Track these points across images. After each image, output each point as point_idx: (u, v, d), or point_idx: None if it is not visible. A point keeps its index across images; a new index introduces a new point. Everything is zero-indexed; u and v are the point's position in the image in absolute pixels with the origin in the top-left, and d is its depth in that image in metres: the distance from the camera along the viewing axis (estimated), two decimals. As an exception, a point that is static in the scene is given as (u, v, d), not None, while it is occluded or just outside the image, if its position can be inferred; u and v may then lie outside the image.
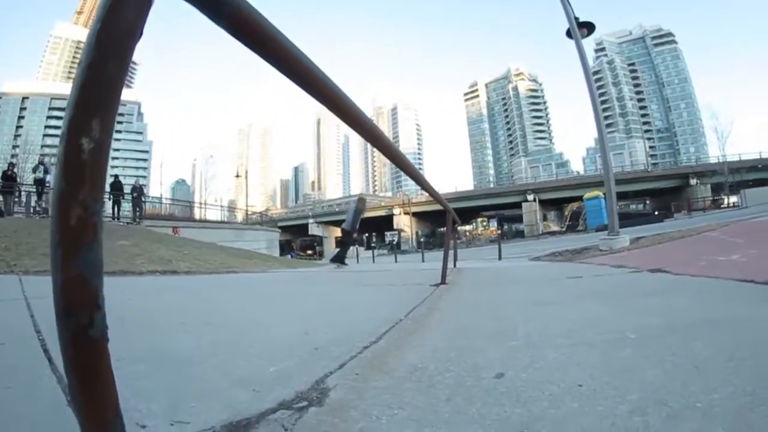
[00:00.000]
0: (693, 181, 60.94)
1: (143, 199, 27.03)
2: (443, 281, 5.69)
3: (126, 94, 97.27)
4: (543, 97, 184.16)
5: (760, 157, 62.91)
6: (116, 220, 22.86)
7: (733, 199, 57.75)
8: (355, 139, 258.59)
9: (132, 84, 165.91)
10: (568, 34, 12.57)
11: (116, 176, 26.63)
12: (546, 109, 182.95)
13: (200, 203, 52.67)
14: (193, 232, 24.32)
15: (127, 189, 26.06)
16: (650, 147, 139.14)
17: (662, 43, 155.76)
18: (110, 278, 6.81)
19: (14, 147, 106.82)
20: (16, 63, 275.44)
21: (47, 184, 19.55)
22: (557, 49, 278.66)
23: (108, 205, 22.81)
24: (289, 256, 50.70)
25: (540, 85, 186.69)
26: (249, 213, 64.78)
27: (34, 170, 21.65)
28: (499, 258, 15.57)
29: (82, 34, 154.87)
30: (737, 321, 2.38)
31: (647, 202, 74.75)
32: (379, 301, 4.74)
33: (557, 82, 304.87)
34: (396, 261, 21.71)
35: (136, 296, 4.97)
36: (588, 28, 12.75)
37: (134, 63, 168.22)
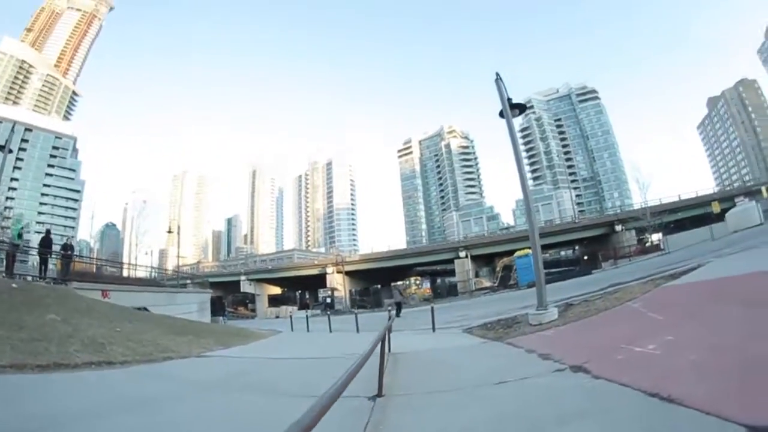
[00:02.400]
0: (618, 228, 64.03)
1: (72, 257, 25.65)
2: (380, 393, 5.45)
3: (62, 127, 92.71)
4: (474, 153, 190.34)
5: (679, 199, 67.01)
6: (42, 280, 21.64)
7: (657, 236, 61.12)
8: (290, 194, 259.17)
9: (70, 116, 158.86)
10: (501, 114, 13.63)
11: (48, 231, 24.82)
12: (477, 164, 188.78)
13: (130, 264, 50.79)
14: (123, 295, 23.12)
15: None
16: (577, 196, 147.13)
17: (586, 99, 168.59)
18: (42, 376, 6.60)
19: None
20: None
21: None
22: (489, 105, 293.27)
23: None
24: (222, 318, 49.35)
25: (471, 141, 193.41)
26: (180, 267, 63.14)
27: None
28: (433, 329, 15.71)
29: (28, 53, 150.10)
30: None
31: (576, 248, 77.68)
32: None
33: (488, 137, 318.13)
34: (330, 330, 21.19)
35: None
36: (520, 108, 13.82)
37: (75, 94, 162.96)
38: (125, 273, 42.56)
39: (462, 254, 67.38)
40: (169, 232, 66.63)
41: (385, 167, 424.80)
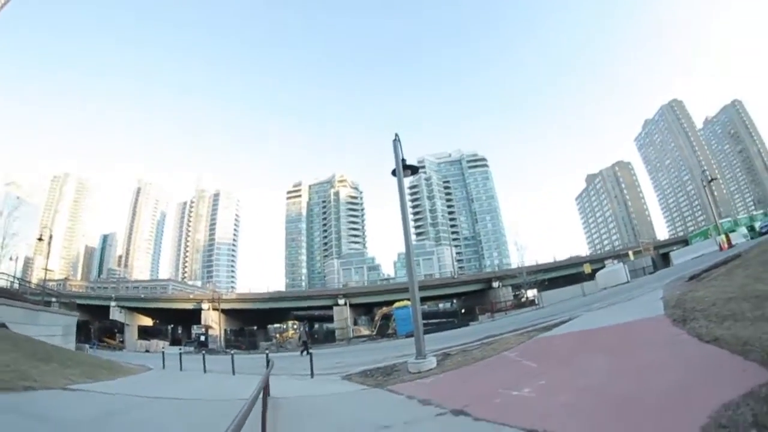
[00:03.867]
0: (495, 284, 67.47)
1: None
2: None
3: None
4: (361, 204, 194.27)
5: (554, 260, 72.51)
6: None
7: (531, 293, 64.97)
8: (172, 219, 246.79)
9: None
10: (393, 173, 14.15)
11: None
12: (363, 215, 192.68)
13: None
14: None
15: None
16: (457, 253, 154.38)
17: (476, 166, 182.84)
18: None
19: None
20: None
21: None
22: (382, 158, 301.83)
23: None
24: (88, 347, 45.70)
25: (360, 192, 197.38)
26: (46, 282, 57.84)
27: None
28: (311, 375, 15.24)
29: None
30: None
31: (454, 301, 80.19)
32: None
33: (376, 188, 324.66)
34: (204, 371, 20.15)
35: None
36: (412, 170, 14.46)
37: None
38: None
39: (341, 301, 67.52)
40: (40, 239, 61.70)
41: (272, 208, 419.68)
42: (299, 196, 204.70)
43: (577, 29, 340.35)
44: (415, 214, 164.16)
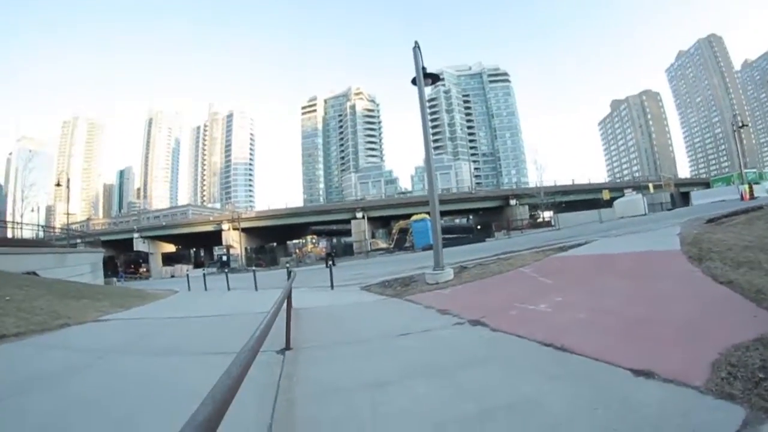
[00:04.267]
0: (513, 202, 67.42)
1: None
2: (287, 346, 5.61)
3: None
4: (378, 117, 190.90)
5: (572, 183, 71.94)
6: None
7: (548, 214, 65.23)
8: (187, 145, 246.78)
9: None
10: (414, 82, 13.76)
11: None
12: (380, 128, 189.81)
13: (14, 223, 46.47)
14: (9, 259, 21.54)
15: None
16: (476, 169, 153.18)
17: (497, 81, 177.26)
18: None
19: None
20: None
21: None
22: (398, 70, 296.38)
23: None
24: (115, 279, 47.32)
25: (377, 105, 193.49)
26: (70, 225, 59.32)
27: None
28: (332, 286, 15.41)
29: None
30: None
31: (470, 217, 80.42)
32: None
33: (393, 101, 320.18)
34: (228, 289, 20.56)
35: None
36: (433, 78, 13.95)
37: None
38: (9, 234, 39.49)
39: (359, 215, 68.07)
40: (58, 185, 62.22)
41: (287, 124, 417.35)
42: (314, 110, 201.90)
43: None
44: (434, 127, 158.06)
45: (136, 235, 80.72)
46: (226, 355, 3.31)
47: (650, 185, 67.30)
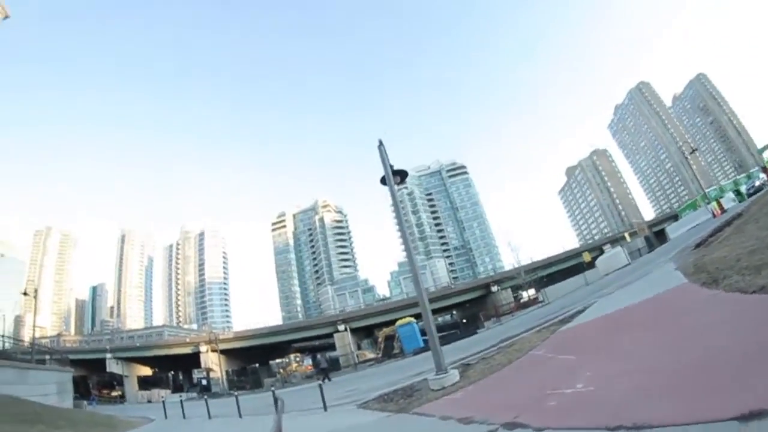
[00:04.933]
0: (494, 288, 67.12)
1: None
2: None
3: None
4: (347, 227, 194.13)
5: (550, 256, 72.64)
6: None
7: (530, 292, 64.88)
8: (160, 264, 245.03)
9: None
10: (383, 181, 13.79)
11: None
12: (350, 238, 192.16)
13: None
14: None
15: None
16: (449, 264, 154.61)
17: (456, 174, 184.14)
18: None
19: None
20: None
21: None
22: (361, 178, 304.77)
23: None
24: (86, 403, 44.42)
25: (345, 216, 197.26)
26: (37, 339, 56.12)
27: None
28: (324, 408, 13.90)
29: None
30: None
31: (454, 313, 79.31)
32: None
33: (359, 211, 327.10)
34: (209, 416, 19.10)
35: None
36: (401, 175, 14.14)
37: None
38: None
39: (341, 327, 66.63)
40: (25, 294, 59.80)
41: (259, 241, 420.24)
42: (284, 226, 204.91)
43: (540, 19, 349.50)
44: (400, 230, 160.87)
45: (109, 355, 76.51)
46: None
47: (626, 234, 69.19)
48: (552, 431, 4.24)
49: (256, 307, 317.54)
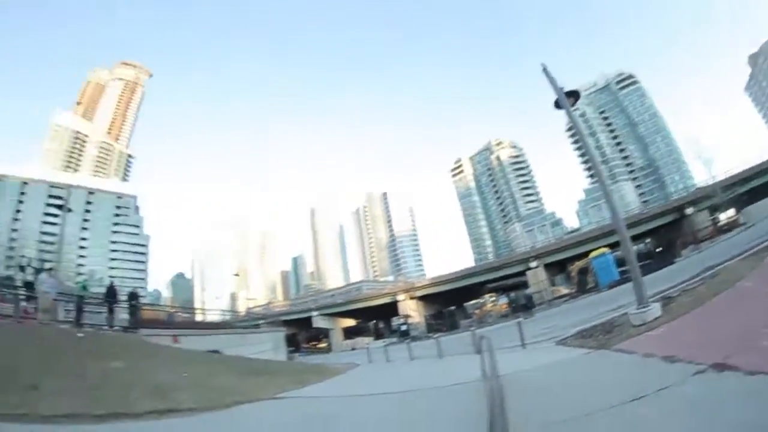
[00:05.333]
0: (689, 210, 60.42)
1: (139, 306, 26.25)
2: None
3: (123, 188, 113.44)
4: (526, 161, 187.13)
5: (747, 168, 61.81)
6: (111, 328, 21.96)
7: (730, 213, 57.55)
8: (350, 228, 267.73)
9: (128, 177, 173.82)
10: (556, 105, 13.35)
11: (112, 282, 26.15)
12: (530, 171, 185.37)
13: (201, 309, 52.30)
14: (195, 339, 23.27)
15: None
16: (636, 187, 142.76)
17: (626, 86, 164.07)
18: (98, 426, 6.26)
19: (13, 230, 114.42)
20: (17, 147, 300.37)
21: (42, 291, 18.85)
22: (530, 113, 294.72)
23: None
24: (297, 355, 49.66)
25: (521, 150, 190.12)
26: (251, 309, 63.72)
27: (23, 269, 21.19)
28: (522, 345, 14.40)
29: (81, 124, 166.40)
30: None
31: (647, 241, 74.20)
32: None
33: (535, 144, 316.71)
34: (411, 358, 20.13)
35: None
36: (574, 96, 13.55)
37: (130, 156, 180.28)
38: (198, 318, 43.24)
39: (533, 264, 65.88)
40: (236, 275, 67.51)
41: (442, 190, 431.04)
42: (462, 171, 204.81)
43: None
44: (581, 156, 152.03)
45: (314, 313, 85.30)
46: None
47: None
48: (765, 375, 4.01)
49: (447, 253, 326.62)
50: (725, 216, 59.90)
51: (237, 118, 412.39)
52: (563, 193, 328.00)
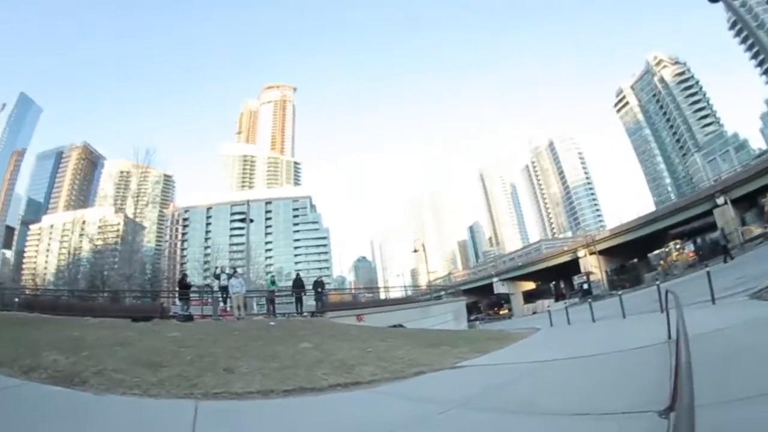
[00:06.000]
0: None
1: (324, 292, 29.16)
2: (672, 405, 3.34)
3: (296, 191, 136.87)
4: (693, 77, 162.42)
5: None
6: (299, 314, 24.87)
7: None
8: (522, 186, 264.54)
9: (299, 181, 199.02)
10: None
11: (298, 273, 29.39)
12: (701, 89, 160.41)
13: (382, 287, 56.21)
14: (378, 317, 25.15)
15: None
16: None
17: None
18: (285, 400, 6.98)
19: (206, 248, 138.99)
20: (196, 181, 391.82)
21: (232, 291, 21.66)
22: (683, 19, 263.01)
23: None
24: (478, 323, 51.07)
25: (685, 65, 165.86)
26: (431, 283, 66.28)
27: (217, 277, 24.66)
28: (712, 300, 13.19)
29: (245, 149, 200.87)
30: None
31: None
32: None
33: (697, 54, 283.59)
34: (593, 319, 19.37)
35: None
36: None
37: (297, 163, 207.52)
38: (382, 296, 46.26)
39: (720, 201, 59.21)
40: (415, 251, 70.30)
41: (608, 129, 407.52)
42: (626, 103, 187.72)
43: None
44: (755, 55, 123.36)
45: (495, 279, 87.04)
46: (601, 418, 3.10)
47: None
48: None
49: (625, 199, 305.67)
50: None
51: (387, 101, 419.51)
52: (741, 108, 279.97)
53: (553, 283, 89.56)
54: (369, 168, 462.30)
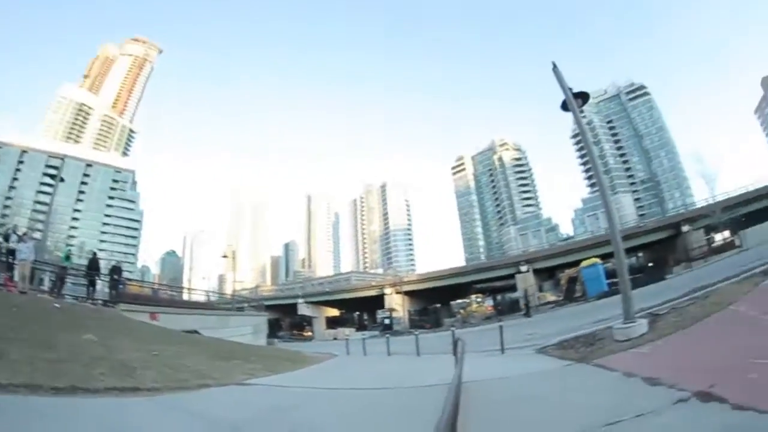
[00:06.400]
0: (685, 228, 59.80)
1: (120, 280, 25.75)
2: None
3: (122, 162, 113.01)
4: (527, 164, 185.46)
5: (751, 191, 60.56)
6: (90, 301, 21.64)
7: (725, 234, 56.98)
8: (346, 217, 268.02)
9: (128, 152, 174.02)
10: (563, 107, 12.90)
11: (94, 254, 25.70)
12: (531, 175, 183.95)
13: (186, 288, 52.70)
14: (174, 318, 22.85)
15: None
16: (635, 200, 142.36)
17: (636, 97, 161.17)
18: (51, 399, 5.94)
19: (7, 198, 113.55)
20: (19, 116, 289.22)
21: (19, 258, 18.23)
22: (536, 116, 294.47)
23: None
24: (277, 340, 49.86)
25: (524, 153, 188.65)
26: (238, 291, 63.70)
27: (6, 238, 20.53)
28: (502, 350, 14.40)
29: (86, 97, 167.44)
30: None
31: (639, 255, 73.88)
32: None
33: (538, 148, 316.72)
34: (389, 353, 20.07)
35: None
36: (583, 98, 13.12)
37: (132, 131, 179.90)
38: (185, 297, 43.44)
39: (523, 268, 65.38)
40: (224, 257, 67.56)
41: (440, 186, 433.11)
42: (463, 169, 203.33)
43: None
44: (584, 164, 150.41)
45: (300, 300, 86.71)
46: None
47: None
48: (754, 413, 3.63)
49: (439, 250, 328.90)
50: (721, 236, 59.25)
51: (241, 100, 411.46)
52: (562, 199, 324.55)
53: (358, 313, 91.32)
54: (206, 163, 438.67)
